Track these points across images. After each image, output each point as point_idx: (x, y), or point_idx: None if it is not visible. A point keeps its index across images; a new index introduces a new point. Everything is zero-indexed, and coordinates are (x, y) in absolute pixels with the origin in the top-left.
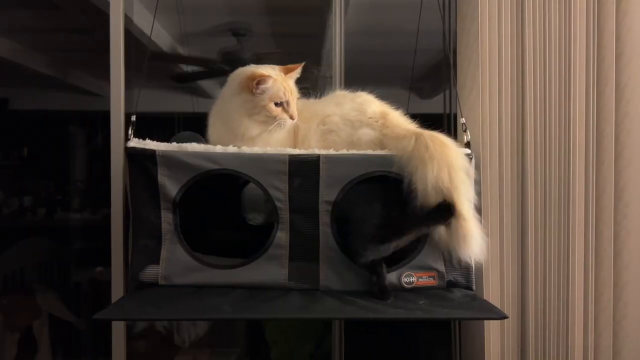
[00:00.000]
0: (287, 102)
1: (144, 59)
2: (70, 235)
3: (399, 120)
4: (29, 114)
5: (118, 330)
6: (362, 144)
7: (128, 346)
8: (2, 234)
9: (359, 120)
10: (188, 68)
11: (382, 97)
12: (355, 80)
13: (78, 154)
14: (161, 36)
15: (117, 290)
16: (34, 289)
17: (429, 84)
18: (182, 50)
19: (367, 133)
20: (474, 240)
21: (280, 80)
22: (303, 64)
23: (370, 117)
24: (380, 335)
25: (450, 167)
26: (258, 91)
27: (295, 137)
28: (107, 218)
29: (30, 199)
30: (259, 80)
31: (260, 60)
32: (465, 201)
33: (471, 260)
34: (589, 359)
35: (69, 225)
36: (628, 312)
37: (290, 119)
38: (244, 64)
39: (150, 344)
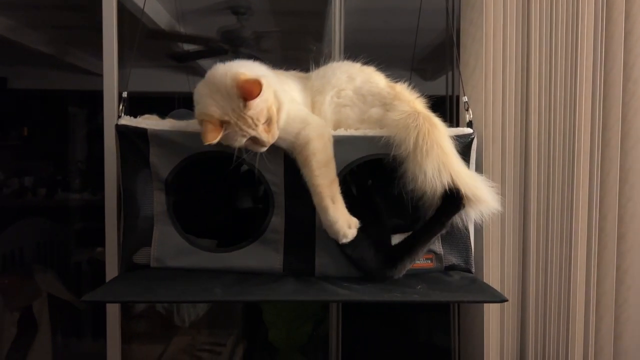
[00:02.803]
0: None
1: (137, 35)
2: (70, 216)
3: (406, 93)
4: (28, 93)
5: (113, 310)
6: (372, 122)
7: (127, 326)
8: (3, 214)
9: (371, 94)
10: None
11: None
12: (355, 59)
13: (78, 134)
14: (160, 14)
15: (112, 272)
16: (33, 269)
17: (432, 64)
18: (181, 29)
19: (377, 112)
20: (488, 198)
21: None
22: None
23: (382, 88)
24: (378, 318)
25: (440, 157)
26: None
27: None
28: None
29: (30, 179)
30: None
31: (259, 39)
32: (463, 181)
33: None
34: (589, 342)
35: (69, 205)
36: (630, 296)
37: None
38: (243, 42)
39: (151, 324)
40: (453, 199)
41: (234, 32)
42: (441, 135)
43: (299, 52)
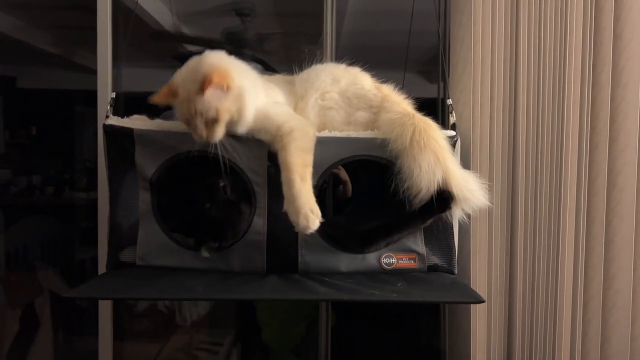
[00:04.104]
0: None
1: (128, 35)
2: (76, 214)
3: (393, 95)
4: (37, 92)
5: (105, 308)
6: (358, 125)
7: (129, 324)
8: (11, 212)
9: (357, 97)
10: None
11: (384, 79)
12: (354, 61)
13: (86, 133)
14: (164, 15)
15: (104, 269)
16: (35, 267)
17: (437, 67)
18: (185, 30)
19: (363, 116)
20: (475, 193)
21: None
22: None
23: (368, 90)
24: (369, 317)
25: (436, 151)
26: None
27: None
28: None
29: (38, 178)
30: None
31: (263, 40)
32: (456, 180)
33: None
34: (576, 346)
35: (75, 204)
36: (618, 300)
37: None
38: (247, 43)
39: (153, 323)
40: (441, 199)
41: (237, 34)
42: (437, 133)
43: (301, 54)
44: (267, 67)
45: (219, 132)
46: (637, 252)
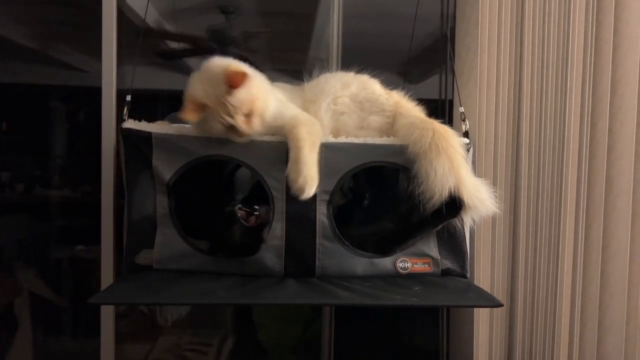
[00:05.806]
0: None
1: (138, 36)
2: (50, 212)
3: (405, 101)
4: (8, 87)
5: (107, 310)
6: (371, 130)
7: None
8: None
9: (369, 101)
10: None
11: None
12: (347, 63)
13: (59, 130)
14: (148, 12)
15: (107, 270)
16: (14, 267)
17: (418, 68)
18: (168, 27)
19: (376, 120)
20: (485, 202)
21: None
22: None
23: (380, 95)
24: (369, 319)
25: (452, 158)
26: None
27: None
28: (88, 195)
29: (8, 175)
30: None
31: (248, 38)
32: (467, 188)
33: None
34: (574, 347)
35: (48, 202)
36: (612, 303)
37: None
38: (232, 41)
39: (133, 324)
40: (452, 205)
41: (222, 31)
42: (455, 140)
43: (286, 53)
44: (251, 65)
45: (258, 123)
46: (632, 257)
